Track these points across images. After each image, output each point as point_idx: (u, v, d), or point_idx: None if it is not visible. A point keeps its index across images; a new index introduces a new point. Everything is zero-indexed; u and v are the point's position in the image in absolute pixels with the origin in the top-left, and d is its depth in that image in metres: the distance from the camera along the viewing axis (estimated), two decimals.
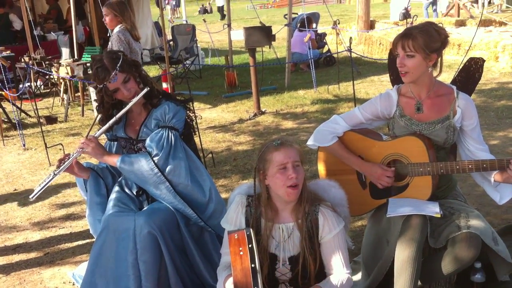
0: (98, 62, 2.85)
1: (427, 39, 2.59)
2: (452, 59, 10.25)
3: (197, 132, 3.29)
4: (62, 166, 2.86)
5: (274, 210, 2.42)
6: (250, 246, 2.15)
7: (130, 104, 2.88)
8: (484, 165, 2.60)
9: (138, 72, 2.94)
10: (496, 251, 2.52)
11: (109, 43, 5.26)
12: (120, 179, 3.07)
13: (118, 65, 2.82)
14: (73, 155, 2.88)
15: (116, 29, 5.24)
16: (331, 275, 2.40)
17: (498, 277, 2.64)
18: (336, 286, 2.32)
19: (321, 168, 3.02)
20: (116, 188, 3.01)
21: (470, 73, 3.10)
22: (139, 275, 2.69)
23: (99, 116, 3.05)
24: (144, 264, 2.70)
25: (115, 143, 3.11)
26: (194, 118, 3.16)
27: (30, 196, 2.90)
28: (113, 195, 2.96)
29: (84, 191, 3.10)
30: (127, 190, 3.02)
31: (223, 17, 20.58)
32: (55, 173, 2.86)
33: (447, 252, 2.54)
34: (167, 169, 2.80)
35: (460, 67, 3.15)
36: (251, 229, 2.25)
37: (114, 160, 2.87)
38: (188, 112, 3.06)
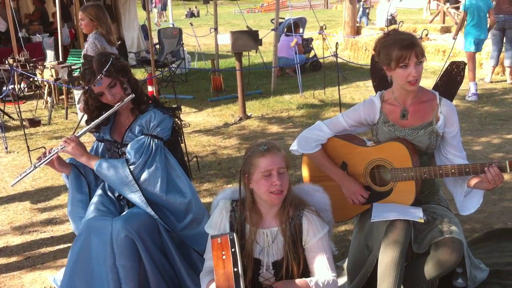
0: (88, 63, 2.85)
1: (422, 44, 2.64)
2: (437, 65, 10.35)
3: (183, 139, 3.28)
4: (43, 160, 2.86)
5: (259, 214, 2.41)
6: (233, 250, 2.14)
7: (113, 109, 2.87)
8: (467, 169, 2.61)
9: (127, 77, 2.92)
10: (466, 263, 2.59)
11: (85, 48, 5.17)
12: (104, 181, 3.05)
13: (105, 69, 2.80)
14: (54, 151, 2.88)
15: (92, 34, 5.16)
16: None
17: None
18: (322, 282, 2.30)
19: (306, 173, 3.02)
20: (99, 191, 2.99)
21: (452, 77, 3.13)
22: (118, 278, 2.67)
23: (84, 116, 3.05)
24: (123, 268, 2.67)
25: (102, 144, 3.10)
26: (181, 126, 3.15)
27: (10, 184, 2.94)
28: (95, 199, 2.94)
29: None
30: (110, 194, 3.00)
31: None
32: (36, 165, 2.87)
33: (430, 257, 2.55)
34: (142, 178, 2.80)
35: (442, 72, 3.18)
36: (234, 234, 2.24)
37: (92, 163, 2.87)
38: (175, 119, 3.05)
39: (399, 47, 2.59)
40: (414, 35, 2.67)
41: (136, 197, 2.79)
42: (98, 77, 2.79)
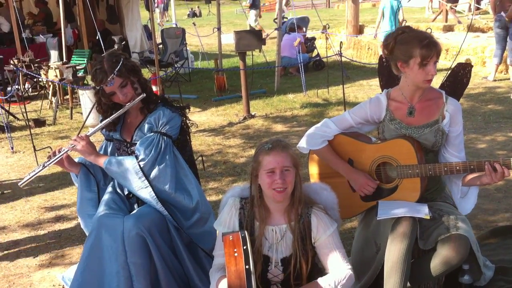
0: (98, 63, 2.86)
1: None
2: (441, 64, 10.35)
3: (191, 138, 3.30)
4: (53, 159, 2.89)
5: (267, 211, 2.43)
6: (244, 247, 2.16)
7: (124, 108, 2.90)
8: (472, 166, 2.62)
9: (137, 77, 2.95)
10: (477, 257, 2.59)
11: None
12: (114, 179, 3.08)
13: (116, 69, 2.82)
14: (64, 150, 2.91)
15: None
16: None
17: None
18: (334, 282, 2.31)
19: (312, 171, 3.04)
20: (109, 189, 3.02)
21: (458, 78, 3.14)
22: (129, 276, 2.70)
23: (90, 117, 3.07)
24: (134, 265, 2.70)
25: (111, 143, 3.12)
26: (190, 125, 3.17)
27: (19, 184, 2.94)
28: (105, 196, 2.97)
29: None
30: (119, 192, 3.03)
31: None
32: (45, 164, 2.90)
33: (436, 254, 2.57)
34: (152, 174, 2.82)
35: (448, 73, 3.19)
36: (245, 231, 2.27)
37: (101, 161, 2.89)
38: (184, 118, 3.07)
39: (422, 45, 2.59)
40: (430, 34, 2.68)
41: (146, 192, 2.81)
42: (110, 77, 2.82)
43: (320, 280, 2.33)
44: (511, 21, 8.23)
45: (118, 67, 2.83)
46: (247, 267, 2.11)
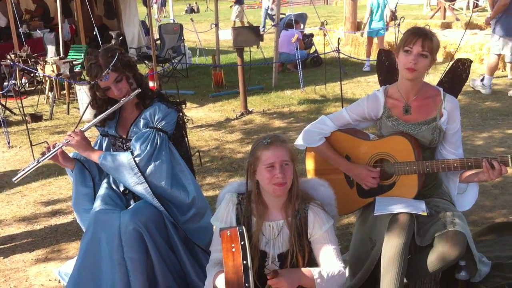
0: (94, 58, 2.85)
1: (438, 44, 2.68)
2: (438, 61, 10.35)
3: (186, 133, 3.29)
4: (47, 155, 2.88)
5: (264, 206, 2.43)
6: (242, 243, 2.16)
7: (119, 104, 2.89)
8: (469, 163, 2.63)
9: (132, 72, 2.94)
10: (473, 254, 2.60)
11: None
12: (109, 175, 3.07)
13: (111, 64, 2.81)
14: (58, 145, 2.90)
15: None
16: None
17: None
18: (327, 273, 2.29)
19: (309, 167, 3.04)
20: (105, 185, 3.02)
21: (457, 74, 3.13)
22: (125, 271, 2.69)
23: (86, 112, 3.06)
24: (131, 261, 2.70)
25: (107, 138, 3.11)
26: (186, 121, 3.16)
27: (14, 179, 2.94)
28: (101, 191, 2.96)
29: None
30: (115, 187, 3.02)
31: None
32: (39, 160, 2.89)
33: (433, 250, 2.57)
34: (148, 170, 2.81)
35: (447, 69, 3.18)
36: (243, 227, 2.27)
37: (95, 157, 2.89)
38: (180, 114, 3.07)
39: (409, 32, 2.65)
40: (431, 32, 2.69)
41: (142, 188, 2.81)
42: (105, 72, 2.81)
43: (312, 269, 2.30)
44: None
45: (113, 61, 2.82)
46: (244, 262, 2.10)
